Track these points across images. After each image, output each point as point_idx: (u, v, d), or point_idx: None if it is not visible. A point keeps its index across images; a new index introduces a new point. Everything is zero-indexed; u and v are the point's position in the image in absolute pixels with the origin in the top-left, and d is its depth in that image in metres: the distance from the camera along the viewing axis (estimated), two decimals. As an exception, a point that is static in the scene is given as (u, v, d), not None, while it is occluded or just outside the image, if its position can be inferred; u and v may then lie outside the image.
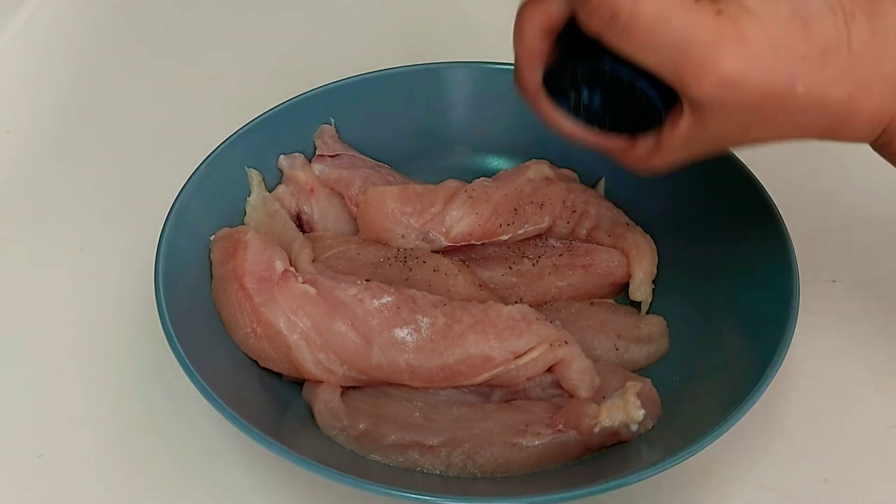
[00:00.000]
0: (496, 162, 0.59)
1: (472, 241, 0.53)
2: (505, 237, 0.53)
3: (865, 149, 0.41)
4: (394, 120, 0.59)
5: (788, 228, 0.47)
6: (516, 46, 0.39)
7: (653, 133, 0.38)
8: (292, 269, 0.48)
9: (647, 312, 0.51)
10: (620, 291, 0.53)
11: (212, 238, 0.50)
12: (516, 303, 0.48)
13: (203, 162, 0.51)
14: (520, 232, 0.53)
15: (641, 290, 0.51)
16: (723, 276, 0.49)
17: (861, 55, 0.34)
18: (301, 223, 0.54)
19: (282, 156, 0.55)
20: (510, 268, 0.52)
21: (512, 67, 0.39)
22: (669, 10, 0.33)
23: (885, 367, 0.50)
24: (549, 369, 0.45)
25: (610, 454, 0.43)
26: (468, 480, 0.42)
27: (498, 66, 0.58)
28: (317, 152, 0.56)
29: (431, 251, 0.52)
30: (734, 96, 0.33)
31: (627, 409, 0.42)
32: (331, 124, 0.57)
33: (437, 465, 0.42)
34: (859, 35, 0.34)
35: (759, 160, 0.52)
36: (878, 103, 0.35)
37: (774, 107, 0.34)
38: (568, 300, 0.51)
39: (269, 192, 0.54)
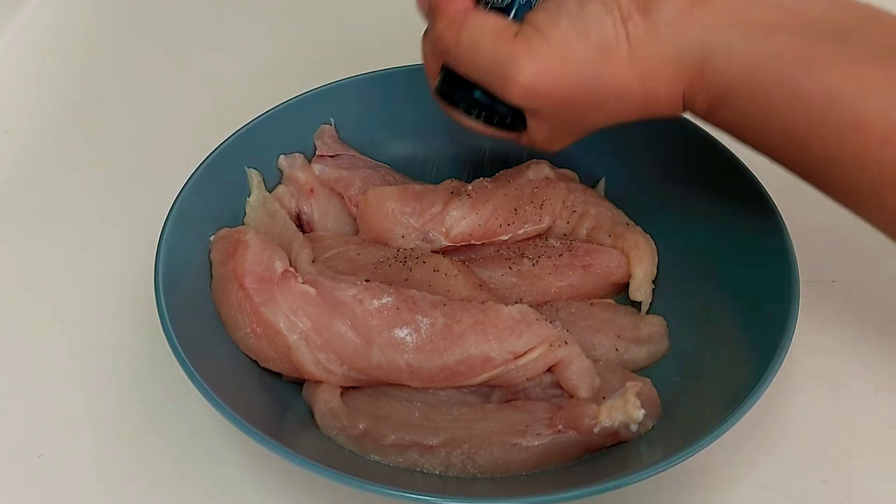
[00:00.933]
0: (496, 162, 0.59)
1: (472, 241, 0.53)
2: (505, 237, 0.53)
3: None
4: (394, 120, 0.59)
5: (788, 228, 0.47)
6: (424, 62, 0.45)
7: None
8: (292, 269, 0.48)
9: (647, 312, 0.51)
10: (620, 291, 0.53)
11: (212, 238, 0.50)
12: (516, 303, 0.48)
13: (203, 162, 0.51)
14: (520, 232, 0.53)
15: (641, 290, 0.51)
16: (723, 276, 0.49)
17: (640, 47, 0.39)
18: (301, 223, 0.54)
19: (282, 156, 0.55)
20: (510, 268, 0.52)
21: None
22: (479, 38, 0.40)
23: (885, 367, 0.50)
24: (549, 369, 0.45)
25: (610, 454, 0.43)
26: (468, 481, 0.42)
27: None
28: (317, 152, 0.56)
29: (431, 251, 0.52)
30: (542, 99, 0.40)
31: (627, 409, 0.42)
32: (331, 124, 0.57)
33: (437, 466, 0.42)
34: (636, 31, 0.39)
35: (760, 160, 0.52)
36: (669, 83, 0.39)
37: (582, 102, 0.40)
38: (568, 300, 0.51)
39: (269, 192, 0.54)
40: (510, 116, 0.43)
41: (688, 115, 0.42)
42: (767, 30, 0.38)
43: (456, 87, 0.43)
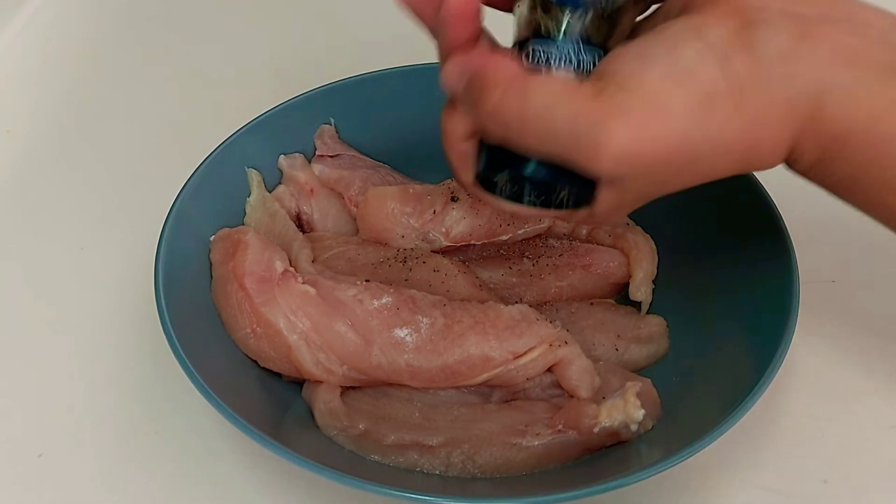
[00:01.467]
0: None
1: (472, 241, 0.53)
2: (505, 237, 0.53)
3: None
4: (394, 120, 0.59)
5: (788, 228, 0.47)
6: (446, 150, 0.39)
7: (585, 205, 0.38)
8: (292, 269, 0.48)
9: (647, 312, 0.51)
10: (620, 291, 0.53)
11: (212, 238, 0.50)
12: (516, 303, 0.48)
13: (203, 162, 0.51)
14: (520, 232, 0.53)
15: (641, 290, 0.51)
16: (723, 276, 0.49)
17: (746, 90, 0.33)
18: (301, 223, 0.54)
19: (282, 156, 0.55)
20: (510, 268, 0.52)
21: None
22: (552, 101, 0.34)
23: (885, 367, 0.50)
24: (549, 369, 0.45)
25: (610, 454, 0.43)
26: (468, 481, 0.42)
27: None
28: (317, 152, 0.56)
29: (431, 251, 0.52)
30: (635, 165, 0.34)
31: (627, 409, 0.42)
32: (331, 124, 0.57)
33: (437, 466, 0.42)
34: (741, 71, 0.33)
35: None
36: (777, 132, 0.35)
37: (680, 162, 0.34)
38: (568, 300, 0.51)
39: (269, 192, 0.54)
40: (576, 190, 0.37)
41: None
42: (884, 70, 0.34)
43: (504, 167, 0.37)
